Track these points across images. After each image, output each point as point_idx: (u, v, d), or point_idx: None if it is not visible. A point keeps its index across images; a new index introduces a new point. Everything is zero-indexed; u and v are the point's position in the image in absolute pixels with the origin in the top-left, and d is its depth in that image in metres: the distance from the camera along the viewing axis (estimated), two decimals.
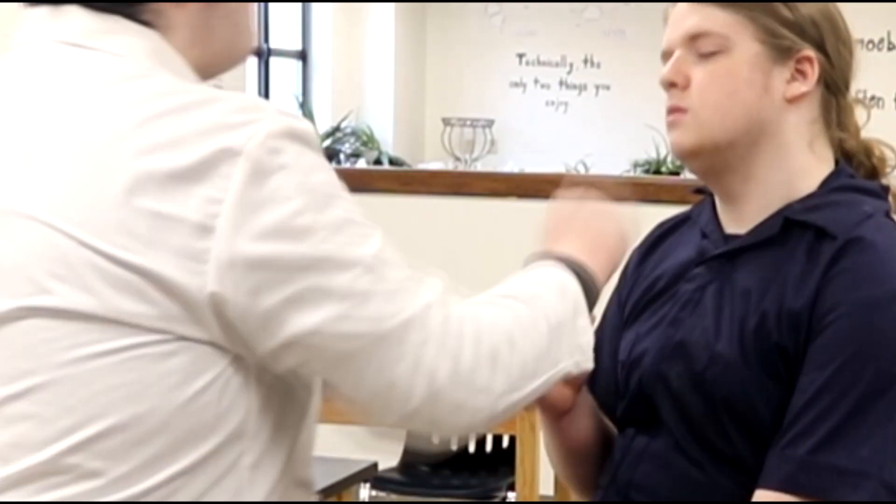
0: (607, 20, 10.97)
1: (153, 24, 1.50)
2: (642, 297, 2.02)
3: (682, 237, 2.04)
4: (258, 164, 1.41)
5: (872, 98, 10.52)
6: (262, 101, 1.51)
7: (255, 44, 1.64)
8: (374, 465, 3.79)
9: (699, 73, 1.90)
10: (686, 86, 1.91)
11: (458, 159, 10.87)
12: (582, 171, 9.98)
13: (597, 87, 11.25)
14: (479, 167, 10.57)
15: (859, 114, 1.97)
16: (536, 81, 11.44)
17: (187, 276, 1.40)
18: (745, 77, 1.87)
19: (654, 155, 10.36)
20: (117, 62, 1.48)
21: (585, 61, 11.26)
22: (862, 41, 10.52)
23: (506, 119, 11.30)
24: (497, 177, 5.84)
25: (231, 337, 1.43)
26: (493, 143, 11.18)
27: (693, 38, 1.91)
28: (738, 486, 1.83)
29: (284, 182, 1.42)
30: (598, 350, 2.07)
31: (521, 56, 11.45)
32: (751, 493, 1.81)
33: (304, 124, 1.48)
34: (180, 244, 1.39)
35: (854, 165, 1.95)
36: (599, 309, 2.10)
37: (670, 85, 1.93)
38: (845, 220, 1.84)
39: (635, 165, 10.41)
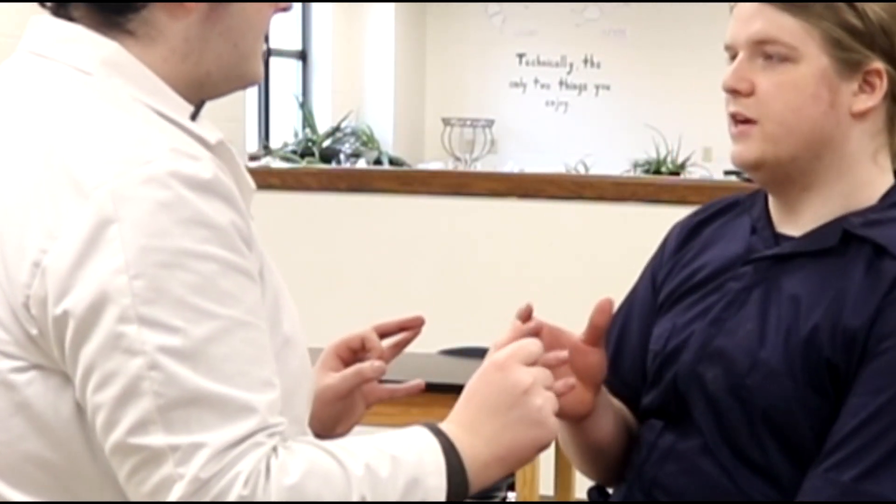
0: (607, 20, 10.97)
1: (137, 34, 1.46)
2: (681, 285, 1.96)
3: (729, 226, 1.98)
4: (102, 211, 1.33)
5: None
6: (157, 136, 1.39)
7: (259, 70, 1.55)
8: None
9: (764, 82, 1.83)
10: (750, 93, 1.84)
11: (458, 159, 10.86)
12: (582, 170, 9.98)
13: (597, 87, 11.25)
14: (479, 167, 10.56)
15: None
16: (536, 81, 11.44)
17: (20, 302, 1.36)
18: (811, 92, 1.82)
19: (654, 155, 10.36)
20: (60, 74, 1.44)
21: (585, 61, 11.25)
22: None
23: (506, 119, 11.30)
24: (497, 177, 5.83)
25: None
26: (493, 143, 11.18)
27: (759, 43, 1.83)
28: (769, 499, 1.79)
29: (120, 235, 1.32)
30: (625, 328, 2.01)
31: (521, 56, 11.45)
32: None
33: (192, 168, 1.36)
34: (25, 270, 1.36)
35: None
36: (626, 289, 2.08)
37: (733, 91, 1.86)
38: None
39: (635, 165, 10.40)
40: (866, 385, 1.74)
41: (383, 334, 1.85)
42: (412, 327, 1.86)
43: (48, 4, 1.50)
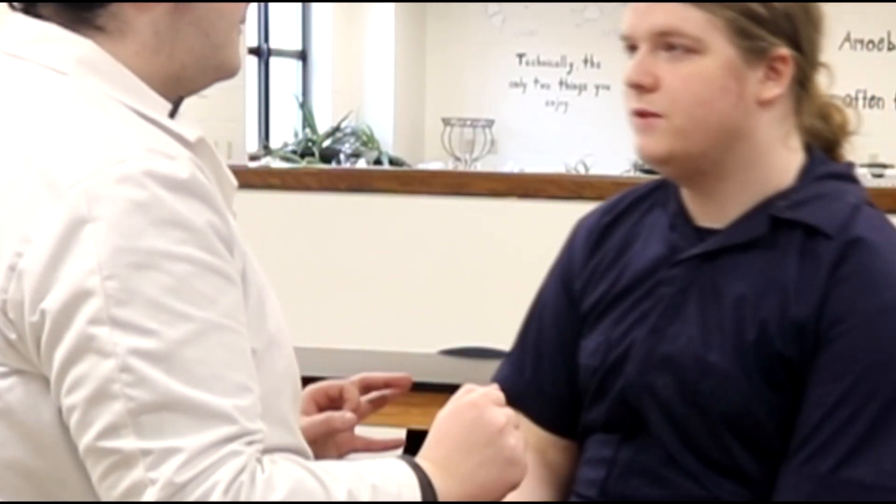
0: (607, 20, 10.97)
1: (107, 29, 1.43)
2: (605, 294, 1.90)
3: (644, 223, 1.92)
4: (76, 211, 1.30)
5: (872, 98, 10.51)
6: (133, 136, 1.36)
7: (235, 60, 1.51)
8: None
9: (669, 76, 1.77)
10: (655, 88, 1.78)
11: (458, 159, 10.86)
12: (582, 170, 9.98)
13: (597, 87, 11.25)
14: (479, 167, 10.56)
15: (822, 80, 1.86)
16: (536, 81, 11.44)
17: None
18: (719, 85, 1.76)
19: None
20: (36, 75, 1.42)
21: (585, 61, 11.26)
22: (862, 41, 10.52)
23: (506, 119, 11.30)
24: (497, 177, 5.82)
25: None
26: (493, 143, 11.18)
27: (662, 35, 1.78)
28: (741, 499, 1.77)
29: (93, 234, 1.30)
30: (540, 343, 1.97)
31: (521, 56, 11.45)
32: None
33: (168, 167, 1.33)
34: (0, 274, 1.33)
35: (812, 135, 1.85)
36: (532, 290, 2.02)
37: (637, 86, 1.80)
38: (834, 215, 1.76)
39: (635, 166, 10.40)
40: (825, 373, 1.72)
41: (368, 387, 1.81)
42: (398, 385, 1.82)
43: (15, 4, 1.47)
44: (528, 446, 1.55)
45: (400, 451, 1.81)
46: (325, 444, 1.76)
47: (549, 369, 1.95)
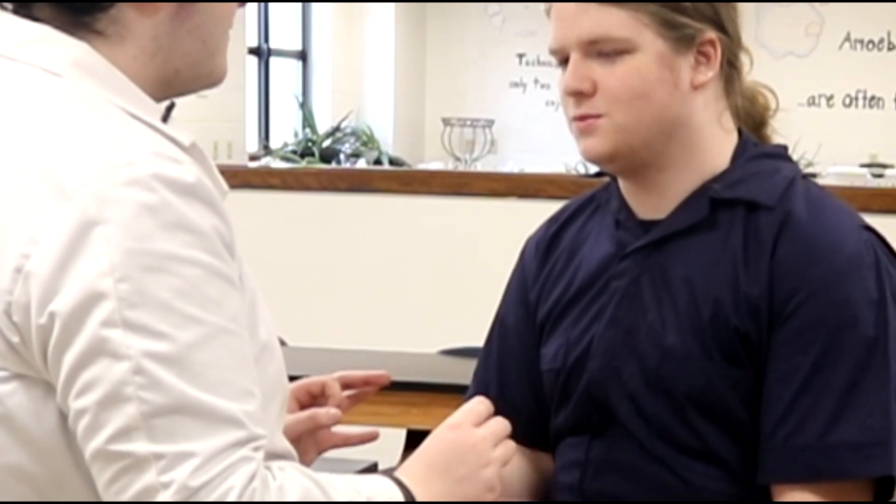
0: None
1: (106, 33, 1.42)
2: (560, 298, 1.93)
3: (590, 226, 1.96)
4: (85, 213, 1.30)
5: (872, 98, 10.51)
6: (137, 139, 1.36)
7: (224, 67, 1.51)
8: (374, 466, 3.78)
9: (606, 78, 1.81)
10: (593, 92, 1.82)
11: (458, 159, 10.87)
12: (582, 170, 9.98)
13: None
14: (479, 167, 10.57)
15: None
16: (536, 81, 11.44)
17: (1, 310, 1.32)
18: (655, 77, 1.80)
19: None
20: (30, 77, 1.41)
21: None
22: (862, 41, 10.51)
23: (506, 119, 11.30)
24: (497, 177, 5.83)
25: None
26: (493, 143, 11.18)
27: (592, 43, 1.81)
28: (713, 481, 1.79)
29: (104, 237, 1.29)
30: (504, 357, 1.98)
31: (521, 56, 11.45)
32: (728, 486, 1.78)
33: (176, 171, 1.33)
34: (6, 276, 1.32)
35: (741, 117, 1.90)
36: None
37: (577, 93, 1.83)
38: (772, 188, 1.81)
39: None
40: (790, 347, 1.75)
41: (347, 385, 1.82)
42: (376, 383, 1.83)
43: (8, 5, 1.46)
44: (509, 461, 1.56)
45: (374, 443, 1.84)
46: (307, 442, 1.77)
47: (514, 384, 1.96)
